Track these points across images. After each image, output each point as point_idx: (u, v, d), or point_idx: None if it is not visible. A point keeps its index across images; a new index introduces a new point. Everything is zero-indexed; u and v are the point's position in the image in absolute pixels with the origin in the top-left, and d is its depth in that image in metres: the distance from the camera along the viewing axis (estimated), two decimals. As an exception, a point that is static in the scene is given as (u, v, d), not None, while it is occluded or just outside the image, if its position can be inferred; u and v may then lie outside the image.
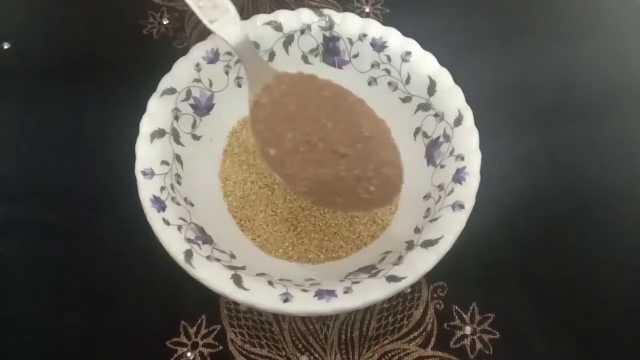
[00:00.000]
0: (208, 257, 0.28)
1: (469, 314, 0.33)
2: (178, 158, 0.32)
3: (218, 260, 0.28)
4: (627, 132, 0.39)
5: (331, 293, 0.27)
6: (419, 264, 0.28)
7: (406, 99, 0.35)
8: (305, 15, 0.35)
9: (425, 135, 0.34)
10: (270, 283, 0.27)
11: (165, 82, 0.32)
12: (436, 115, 0.33)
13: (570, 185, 0.37)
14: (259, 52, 0.33)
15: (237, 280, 0.27)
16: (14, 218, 0.35)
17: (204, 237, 0.30)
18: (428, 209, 0.31)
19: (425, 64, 0.34)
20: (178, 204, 0.30)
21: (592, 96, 0.41)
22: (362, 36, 0.35)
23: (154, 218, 0.28)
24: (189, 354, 0.31)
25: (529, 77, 0.41)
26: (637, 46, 0.43)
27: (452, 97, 0.33)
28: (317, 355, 0.32)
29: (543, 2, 0.45)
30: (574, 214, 0.36)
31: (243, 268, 0.29)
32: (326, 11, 0.35)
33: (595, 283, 0.34)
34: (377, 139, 0.30)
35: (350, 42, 0.35)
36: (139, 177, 0.29)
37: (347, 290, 0.27)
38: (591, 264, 0.35)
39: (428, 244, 0.28)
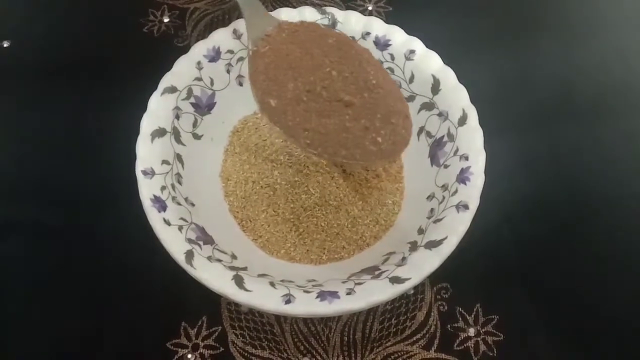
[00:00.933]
0: (209, 258, 0.28)
1: (472, 315, 0.33)
2: (179, 157, 0.32)
3: (219, 260, 0.28)
4: (630, 131, 0.39)
5: (334, 294, 0.26)
6: (423, 265, 0.27)
7: (410, 98, 0.34)
8: (307, 13, 0.34)
9: (429, 134, 0.33)
10: (272, 284, 0.27)
11: (166, 81, 0.32)
12: (440, 114, 0.33)
13: (575, 184, 0.37)
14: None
15: (239, 281, 0.27)
16: (14, 218, 0.35)
17: (205, 237, 0.29)
18: (432, 210, 0.31)
19: (429, 62, 0.33)
20: (179, 204, 0.30)
21: (597, 95, 0.40)
22: (366, 34, 0.34)
23: (154, 218, 0.28)
24: (189, 356, 0.31)
25: (534, 76, 0.41)
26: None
27: (456, 96, 0.32)
28: (319, 357, 0.31)
29: (546, 0, 0.45)
30: (579, 214, 0.36)
31: (244, 269, 0.28)
32: (329, 9, 0.35)
33: (600, 284, 0.34)
34: (385, 88, 0.29)
35: (353, 40, 0.35)
36: (140, 177, 0.29)
37: (349, 292, 0.27)
38: (596, 265, 0.34)
39: (432, 244, 0.28)
